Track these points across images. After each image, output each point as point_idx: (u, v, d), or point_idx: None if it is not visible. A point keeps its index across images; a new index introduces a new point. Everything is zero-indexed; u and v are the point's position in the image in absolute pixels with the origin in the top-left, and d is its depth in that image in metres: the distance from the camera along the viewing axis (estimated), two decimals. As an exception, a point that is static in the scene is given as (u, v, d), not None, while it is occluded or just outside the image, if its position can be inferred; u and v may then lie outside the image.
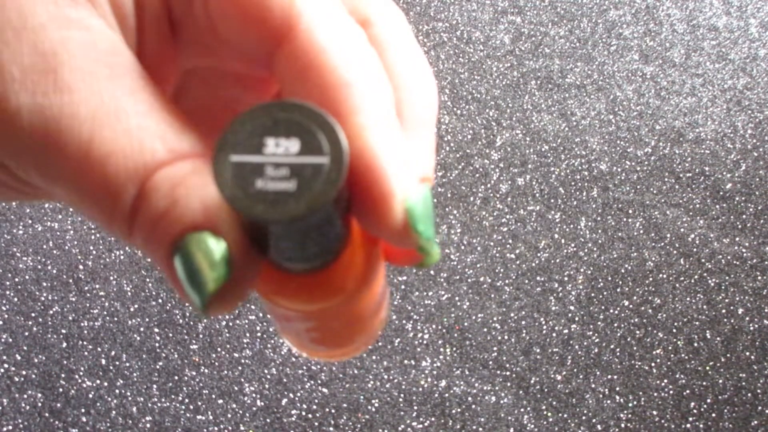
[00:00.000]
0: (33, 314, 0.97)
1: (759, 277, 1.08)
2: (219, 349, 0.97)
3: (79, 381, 0.94)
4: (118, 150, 0.14)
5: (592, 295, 1.05)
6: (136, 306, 0.98)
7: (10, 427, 0.91)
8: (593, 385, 0.99)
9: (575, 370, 1.00)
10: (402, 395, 0.96)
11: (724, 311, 1.06)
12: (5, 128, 0.14)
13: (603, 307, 1.04)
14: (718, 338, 1.04)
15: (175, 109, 0.15)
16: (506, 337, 1.01)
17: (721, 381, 1.01)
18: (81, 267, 1.00)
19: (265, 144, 0.14)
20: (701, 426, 0.98)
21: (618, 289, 1.06)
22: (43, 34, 0.14)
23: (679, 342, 1.03)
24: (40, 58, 0.14)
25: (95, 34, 0.14)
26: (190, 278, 0.14)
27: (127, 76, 0.15)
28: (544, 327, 1.02)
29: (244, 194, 0.14)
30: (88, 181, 0.14)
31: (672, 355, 1.02)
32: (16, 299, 0.98)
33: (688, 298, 1.06)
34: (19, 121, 0.14)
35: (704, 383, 1.01)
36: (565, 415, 0.97)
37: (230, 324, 0.98)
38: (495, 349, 1.00)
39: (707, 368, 1.02)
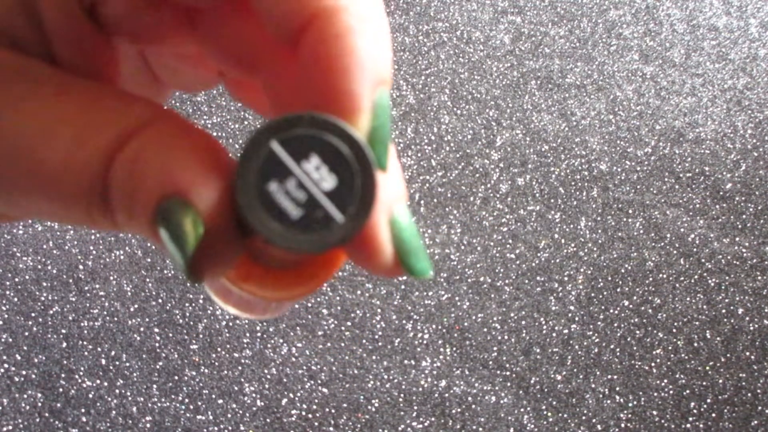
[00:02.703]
0: (33, 314, 0.97)
1: (759, 277, 1.08)
2: (219, 349, 0.97)
3: (79, 381, 0.94)
4: (67, 159, 0.13)
5: (592, 295, 1.05)
6: (136, 306, 0.98)
7: (10, 427, 0.91)
8: (593, 385, 0.99)
9: (575, 370, 1.00)
10: (402, 395, 0.96)
11: (724, 311, 1.06)
12: None
13: (603, 307, 1.04)
14: (718, 338, 1.04)
15: (107, 87, 0.15)
16: (506, 337, 1.01)
17: (721, 381, 1.01)
18: (81, 267, 1.00)
19: (308, 158, 0.13)
20: (701, 426, 0.98)
21: (618, 289, 1.06)
22: None
23: (679, 342, 1.03)
24: None
25: None
26: (173, 243, 0.14)
27: (47, 83, 0.14)
28: (544, 327, 1.02)
29: (254, 185, 0.13)
30: (54, 198, 0.14)
31: (672, 355, 1.02)
32: (16, 299, 0.98)
33: (688, 298, 1.06)
34: None
35: (704, 383, 1.01)
36: (565, 415, 0.97)
37: (230, 324, 0.98)
38: (495, 349, 1.00)
39: (707, 368, 1.02)
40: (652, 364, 1.01)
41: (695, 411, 0.99)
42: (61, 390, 0.93)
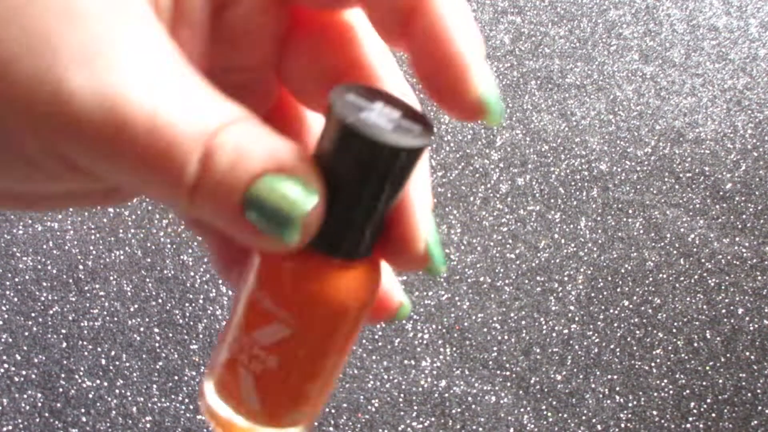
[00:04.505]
0: (33, 314, 0.97)
1: (759, 277, 1.08)
2: (219, 349, 0.97)
3: (79, 381, 0.94)
4: (180, 117, 0.15)
5: (592, 295, 1.05)
6: (136, 306, 0.98)
7: (10, 427, 0.91)
8: (593, 385, 0.99)
9: (575, 370, 1.00)
10: (402, 395, 0.96)
11: (724, 311, 1.06)
12: (67, 111, 0.14)
13: (603, 307, 1.04)
14: (718, 338, 1.04)
15: (213, 84, 0.17)
16: (506, 337, 1.01)
17: (721, 381, 1.01)
18: (81, 267, 1.00)
19: (375, 102, 0.17)
20: (701, 426, 0.98)
21: (618, 289, 1.06)
22: (92, 18, 0.15)
23: (679, 342, 1.03)
24: (91, 40, 0.14)
25: (138, 18, 0.15)
26: (271, 218, 0.15)
27: (175, 53, 0.16)
28: (544, 327, 1.02)
29: (352, 115, 0.16)
30: (154, 152, 0.15)
31: (672, 355, 1.02)
32: (16, 299, 0.98)
33: (688, 298, 1.06)
34: (81, 102, 0.14)
35: (704, 383, 1.01)
36: (565, 415, 0.97)
37: (230, 324, 0.98)
38: (495, 349, 1.00)
39: (707, 368, 1.02)
40: (652, 364, 1.01)
41: (695, 411, 0.99)
42: (61, 390, 0.93)
